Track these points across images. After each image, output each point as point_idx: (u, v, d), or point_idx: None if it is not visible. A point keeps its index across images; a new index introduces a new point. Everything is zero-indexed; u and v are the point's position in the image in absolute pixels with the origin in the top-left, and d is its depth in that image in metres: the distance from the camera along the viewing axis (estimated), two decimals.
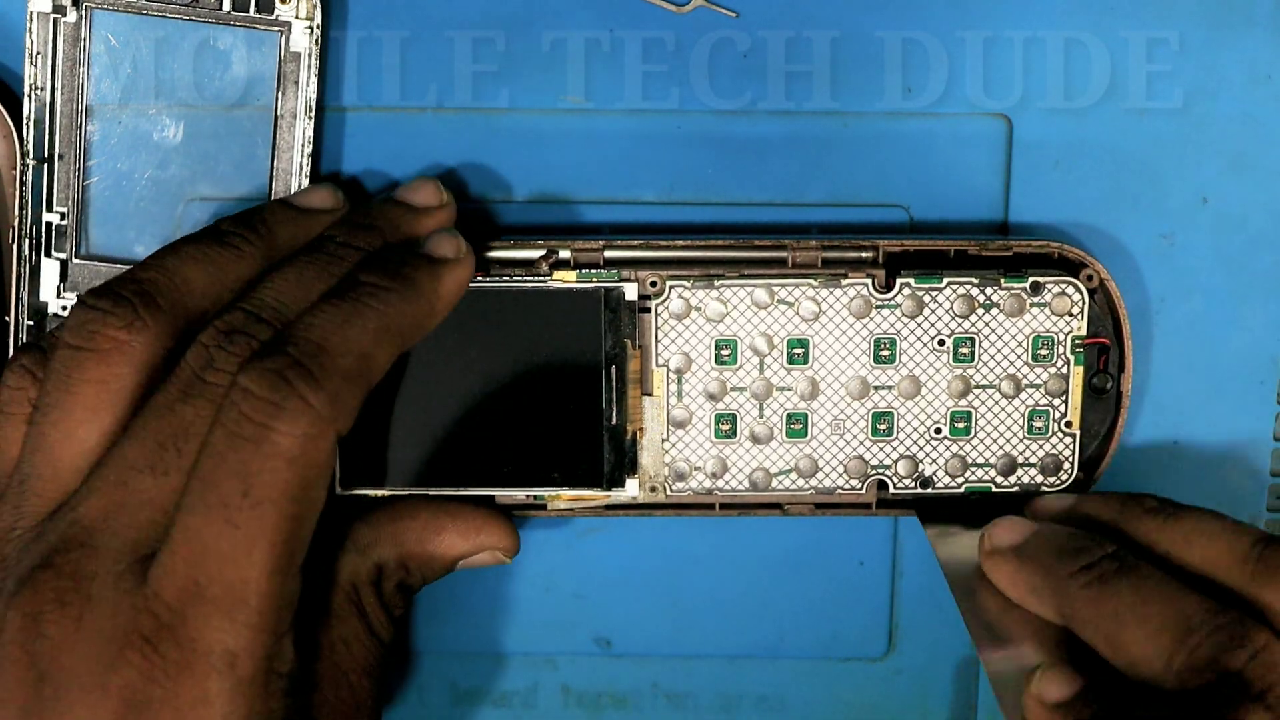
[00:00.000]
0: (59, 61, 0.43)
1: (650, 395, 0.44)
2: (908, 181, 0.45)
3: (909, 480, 0.44)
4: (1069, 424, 0.44)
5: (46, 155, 0.43)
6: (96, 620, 0.36)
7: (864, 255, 0.43)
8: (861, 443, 0.44)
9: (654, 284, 0.43)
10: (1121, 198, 0.45)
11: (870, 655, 0.48)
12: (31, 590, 0.36)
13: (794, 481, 0.44)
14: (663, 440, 0.44)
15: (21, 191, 0.43)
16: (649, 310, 0.43)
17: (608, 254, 0.43)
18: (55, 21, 0.43)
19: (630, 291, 0.43)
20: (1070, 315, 0.43)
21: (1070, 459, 0.44)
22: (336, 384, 0.37)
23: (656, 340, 0.43)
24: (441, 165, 0.45)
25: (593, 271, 0.43)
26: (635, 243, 0.43)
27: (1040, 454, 0.44)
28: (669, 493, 0.44)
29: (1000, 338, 0.43)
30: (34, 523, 0.38)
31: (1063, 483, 0.44)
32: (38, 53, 0.43)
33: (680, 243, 0.43)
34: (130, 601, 0.36)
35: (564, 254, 0.43)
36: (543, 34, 0.44)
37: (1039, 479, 0.44)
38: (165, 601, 0.35)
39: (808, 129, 0.45)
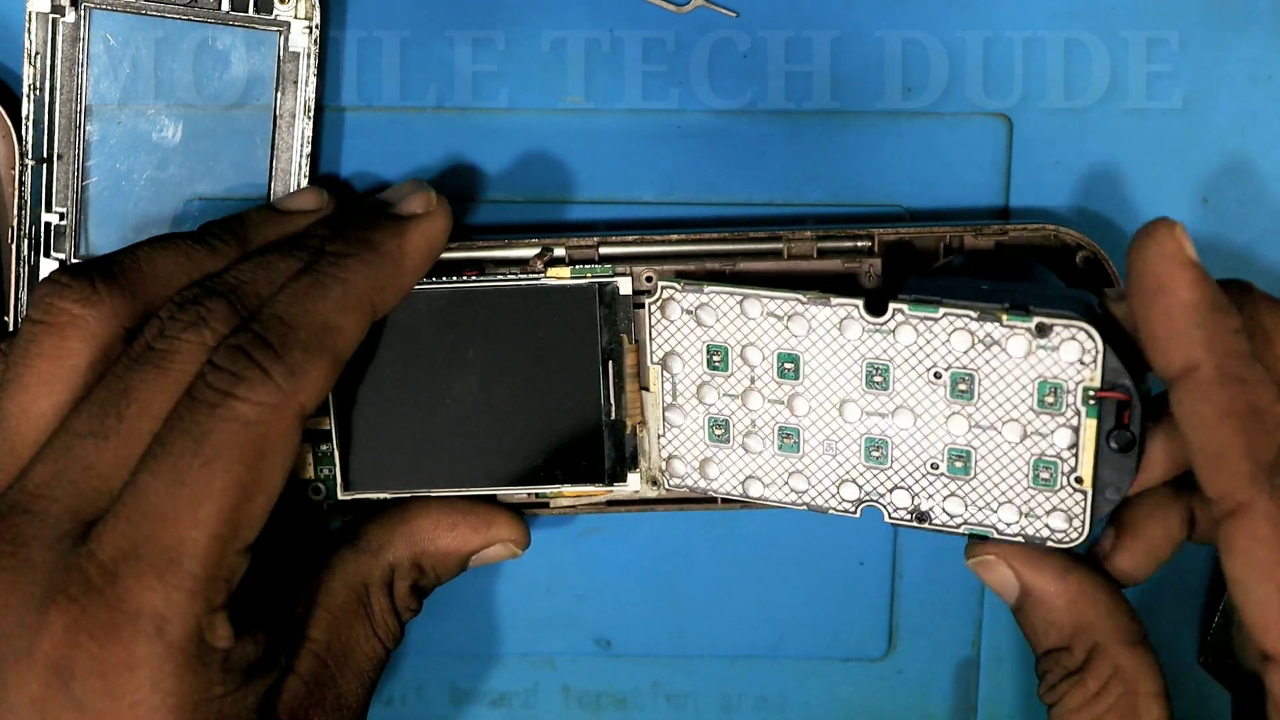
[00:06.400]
0: (58, 62, 0.43)
1: (647, 390, 0.43)
2: (908, 182, 0.45)
3: (904, 512, 0.41)
4: (1079, 480, 0.39)
5: (45, 155, 0.43)
6: (29, 584, 0.35)
7: (860, 245, 0.43)
8: (854, 466, 0.42)
9: (649, 279, 0.43)
10: (1122, 198, 0.45)
11: (870, 655, 0.48)
12: None
13: (786, 495, 0.43)
14: (659, 436, 0.44)
15: (20, 192, 0.43)
16: (644, 306, 0.43)
17: (603, 250, 0.43)
18: (54, 21, 0.43)
19: (624, 286, 0.43)
20: (1082, 364, 0.38)
21: (1081, 517, 0.40)
22: (296, 356, 0.37)
23: (650, 338, 0.43)
24: (441, 165, 0.45)
25: (588, 267, 0.43)
26: (630, 238, 0.43)
27: (1047, 508, 0.40)
28: (668, 487, 0.44)
29: (1003, 378, 0.39)
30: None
31: (1072, 540, 0.40)
32: (37, 53, 0.43)
33: (675, 237, 0.43)
34: (63, 563, 0.35)
35: (559, 251, 0.43)
36: (543, 34, 0.44)
37: (1045, 532, 0.40)
38: (99, 561, 0.35)
39: (808, 129, 0.45)
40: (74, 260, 0.44)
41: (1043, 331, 0.38)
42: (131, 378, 0.37)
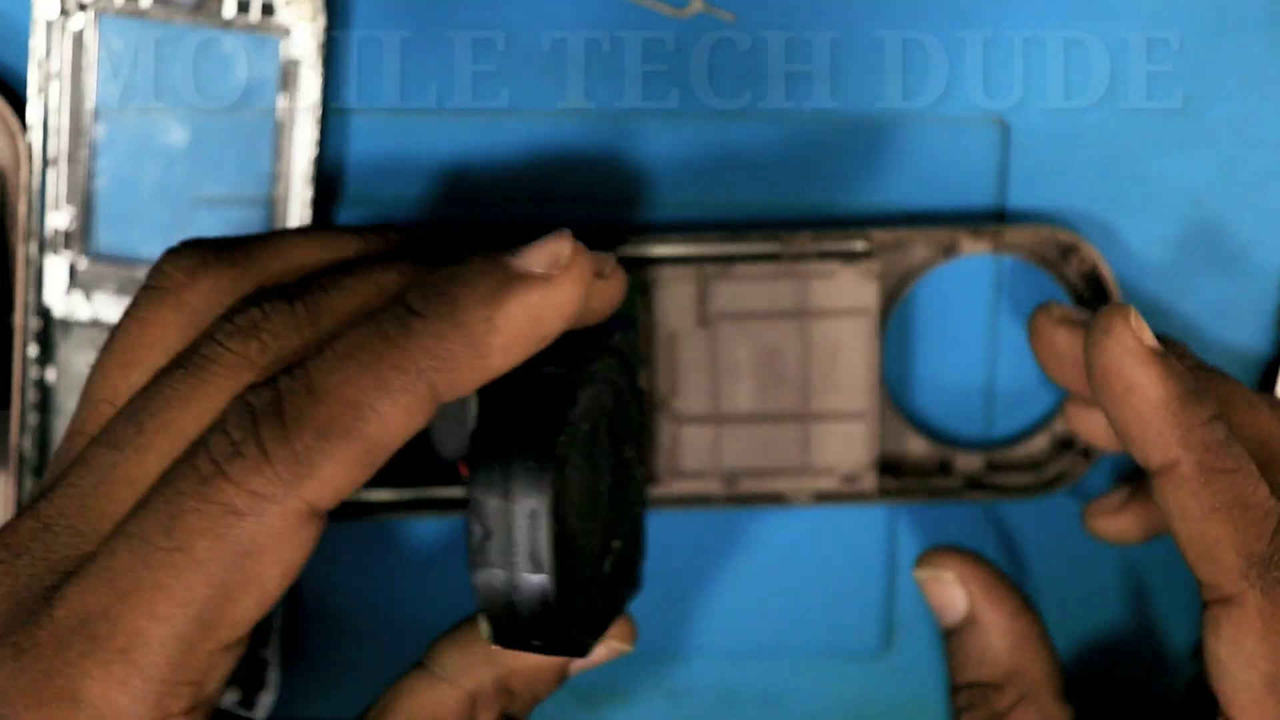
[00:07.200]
0: (64, 65, 0.43)
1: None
2: (906, 183, 0.45)
3: None
4: None
5: (53, 158, 0.44)
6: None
7: (857, 246, 0.44)
8: None
9: (650, 280, 0.43)
10: (1119, 198, 0.45)
11: (869, 652, 0.48)
12: None
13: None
14: (663, 438, 0.44)
15: (28, 194, 0.44)
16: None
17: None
18: (61, 25, 0.43)
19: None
20: None
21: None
22: (307, 441, 0.30)
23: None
24: (441, 166, 0.45)
25: None
26: (629, 239, 0.43)
27: None
28: (670, 488, 0.44)
29: None
30: (60, 471, 0.33)
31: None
32: (43, 57, 0.43)
33: (674, 238, 0.43)
34: (30, 604, 0.31)
35: None
36: (543, 34, 0.44)
37: None
38: (56, 619, 0.30)
39: (807, 129, 0.45)
40: (82, 262, 0.44)
41: None
42: (164, 382, 0.32)
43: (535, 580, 0.32)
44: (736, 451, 0.44)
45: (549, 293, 0.31)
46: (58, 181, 0.44)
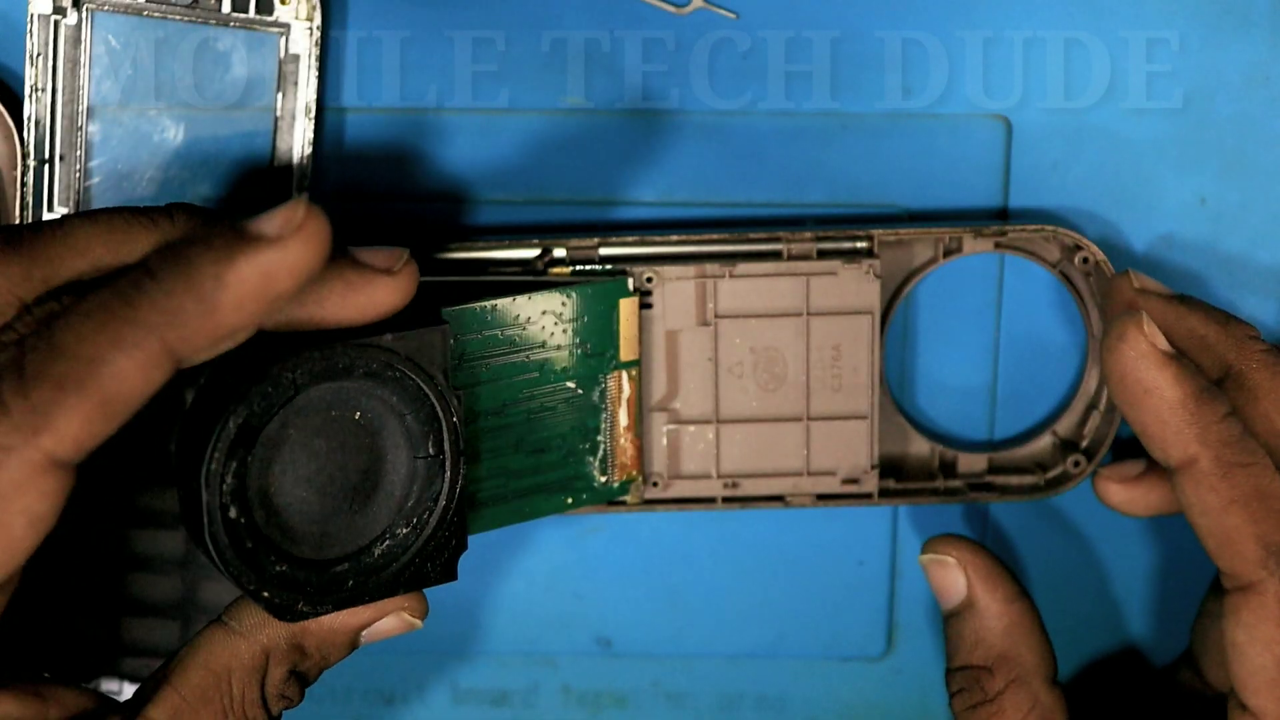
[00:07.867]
0: (60, 63, 0.43)
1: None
2: (907, 182, 0.45)
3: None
4: None
5: (47, 156, 0.43)
6: None
7: (859, 245, 0.43)
8: None
9: (650, 279, 0.43)
10: (1120, 198, 0.45)
11: (870, 655, 0.48)
12: None
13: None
14: (662, 438, 0.44)
15: (22, 193, 0.44)
16: (650, 306, 0.43)
17: (603, 250, 0.43)
18: (56, 23, 0.43)
19: (626, 286, 0.43)
20: None
21: None
22: (45, 393, 0.31)
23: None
24: (442, 165, 0.45)
25: (588, 268, 0.43)
26: (630, 239, 0.43)
27: None
28: (670, 489, 0.44)
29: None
30: None
31: None
32: (38, 54, 0.43)
33: (675, 237, 0.43)
34: None
35: (559, 252, 0.43)
36: (543, 34, 0.44)
37: None
38: None
39: (807, 129, 0.45)
40: None
41: None
42: None
43: (206, 548, 0.35)
44: (737, 452, 0.44)
45: (279, 253, 0.32)
46: (52, 180, 0.44)
